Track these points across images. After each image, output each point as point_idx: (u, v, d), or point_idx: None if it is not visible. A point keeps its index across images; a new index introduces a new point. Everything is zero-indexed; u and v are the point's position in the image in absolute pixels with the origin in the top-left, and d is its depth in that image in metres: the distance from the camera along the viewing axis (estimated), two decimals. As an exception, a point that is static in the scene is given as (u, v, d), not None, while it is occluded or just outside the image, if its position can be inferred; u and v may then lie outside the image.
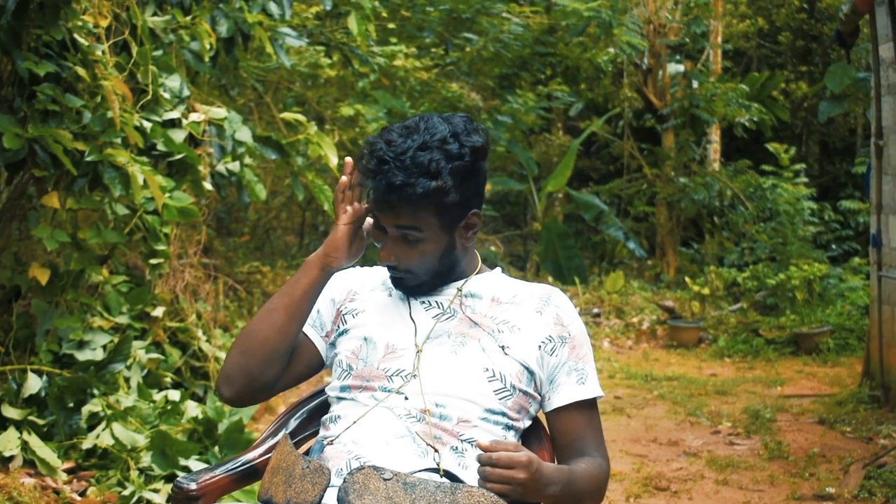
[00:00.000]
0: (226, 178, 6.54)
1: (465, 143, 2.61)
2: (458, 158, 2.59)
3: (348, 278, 2.91)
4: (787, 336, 11.00)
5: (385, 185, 2.56)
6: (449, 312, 2.74)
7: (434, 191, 2.56)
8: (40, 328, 5.50)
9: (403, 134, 2.61)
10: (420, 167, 2.55)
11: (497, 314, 2.72)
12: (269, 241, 13.51)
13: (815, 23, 18.17)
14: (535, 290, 2.79)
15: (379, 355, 2.69)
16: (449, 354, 2.66)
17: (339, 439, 2.60)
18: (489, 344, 2.66)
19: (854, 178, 16.21)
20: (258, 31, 6.67)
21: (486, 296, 2.77)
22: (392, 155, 2.56)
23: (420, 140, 2.58)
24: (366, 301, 2.83)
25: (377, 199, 2.62)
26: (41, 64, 5.02)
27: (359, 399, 2.66)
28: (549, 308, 2.74)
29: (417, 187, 2.54)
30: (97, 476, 5.08)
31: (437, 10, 13.67)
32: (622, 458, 6.61)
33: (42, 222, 5.35)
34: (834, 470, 6.25)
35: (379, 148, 2.59)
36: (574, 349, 2.72)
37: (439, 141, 2.59)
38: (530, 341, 2.67)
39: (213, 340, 6.92)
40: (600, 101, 16.56)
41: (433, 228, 2.64)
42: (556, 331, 2.71)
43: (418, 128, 2.61)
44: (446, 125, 2.63)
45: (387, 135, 2.62)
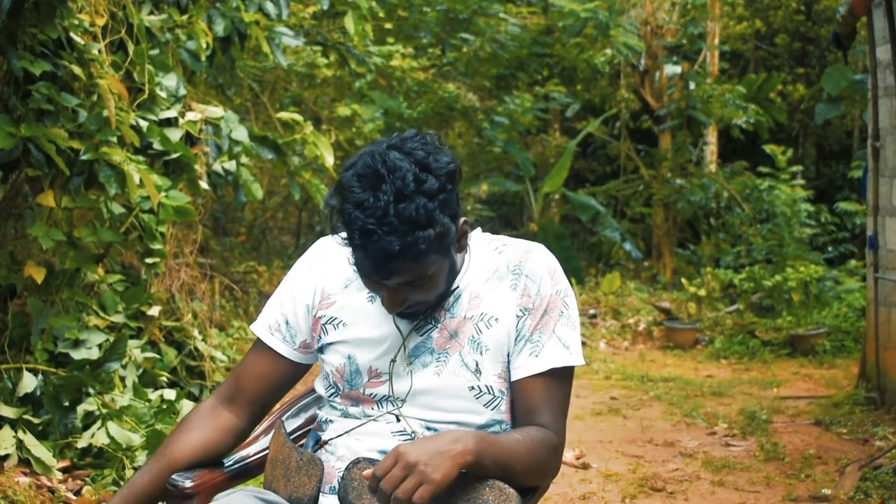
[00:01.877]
0: (222, 177, 6.53)
1: (439, 171, 2.35)
2: (440, 192, 2.34)
3: (313, 274, 2.69)
4: (783, 338, 11.01)
5: (382, 255, 2.31)
6: (430, 323, 2.57)
7: (436, 238, 2.33)
8: (36, 327, 5.49)
9: (368, 187, 2.31)
10: (411, 222, 2.28)
11: (475, 310, 2.57)
12: (266, 241, 13.51)
13: (812, 25, 18.18)
14: (513, 257, 2.61)
15: (363, 379, 2.58)
16: (433, 377, 2.53)
17: (333, 446, 2.59)
18: (470, 355, 2.53)
19: (850, 181, 16.22)
20: (255, 31, 6.67)
21: (466, 292, 2.59)
22: (374, 221, 2.28)
23: (392, 189, 2.29)
24: (343, 308, 2.63)
25: (375, 270, 2.36)
26: (36, 63, 5.01)
27: (350, 413, 2.61)
28: (520, 279, 2.57)
29: (419, 244, 2.30)
30: (92, 475, 5.07)
31: (434, 10, 13.70)
32: (618, 459, 6.60)
33: (37, 221, 5.33)
34: (830, 471, 6.24)
35: (355, 217, 2.30)
36: (536, 318, 2.55)
37: (413, 182, 2.31)
38: (505, 329, 2.55)
39: (208, 340, 6.92)
40: (597, 102, 16.59)
41: (436, 264, 2.41)
42: (523, 303, 2.56)
43: (380, 174, 2.31)
44: (407, 159, 2.33)
45: (350, 195, 2.32)
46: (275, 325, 2.69)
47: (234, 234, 12.86)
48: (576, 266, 14.83)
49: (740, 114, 14.51)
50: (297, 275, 2.71)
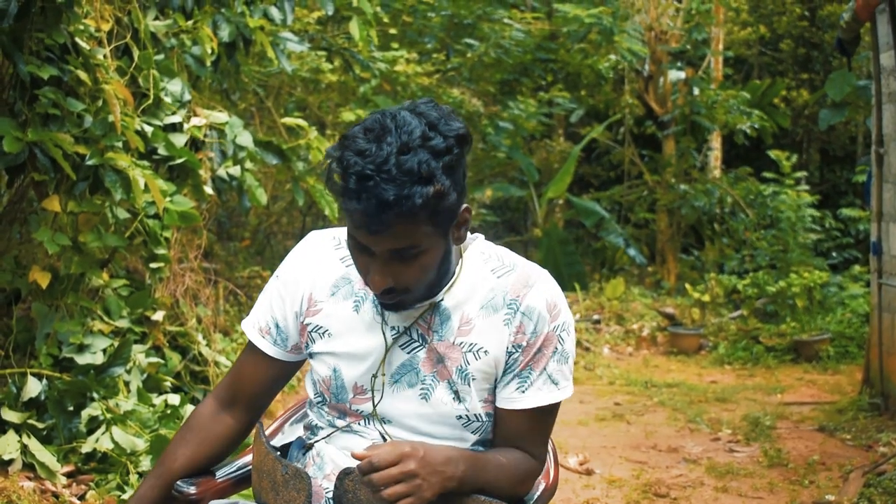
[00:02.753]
0: (227, 182, 6.54)
1: (448, 133, 2.26)
2: (446, 153, 2.24)
3: (303, 277, 2.60)
4: (787, 343, 11.00)
5: (375, 203, 2.18)
6: (417, 341, 2.49)
7: (434, 196, 2.21)
8: (40, 331, 5.50)
9: (372, 139, 2.23)
10: (410, 174, 2.18)
11: (465, 338, 2.47)
12: (270, 246, 13.50)
13: (816, 31, 18.19)
14: (511, 289, 2.48)
15: (349, 395, 2.53)
16: (419, 401, 2.48)
17: (321, 459, 2.58)
18: (458, 385, 2.47)
19: (854, 186, 16.23)
20: (260, 36, 6.68)
21: (457, 314, 2.48)
22: (373, 167, 2.18)
23: (397, 142, 2.21)
24: (329, 317, 2.55)
25: (367, 224, 2.22)
26: (43, 67, 5.02)
27: (337, 424, 2.58)
28: (516, 316, 2.46)
29: (415, 198, 2.18)
30: (96, 480, 5.08)
31: (438, 15, 13.71)
32: (621, 465, 6.61)
33: (43, 226, 5.34)
34: (833, 477, 6.25)
35: (353, 163, 2.20)
36: (528, 355, 2.47)
37: (420, 138, 2.22)
38: (494, 361, 2.47)
39: (213, 345, 6.93)
40: (601, 108, 16.60)
41: (430, 238, 2.30)
42: (517, 340, 2.46)
43: (387, 128, 2.24)
44: (418, 118, 2.26)
45: (353, 144, 2.24)
46: (265, 328, 2.64)
47: (239, 240, 12.87)
48: (580, 271, 14.83)
49: (744, 119, 14.50)
50: (287, 276, 2.63)
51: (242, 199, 6.75)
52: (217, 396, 2.73)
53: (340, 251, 2.60)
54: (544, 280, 2.51)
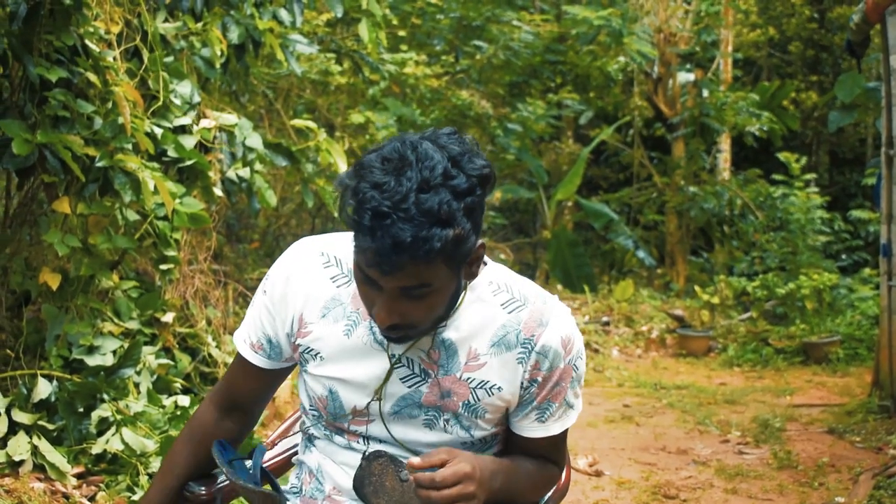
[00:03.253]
0: (236, 184, 6.54)
1: (471, 172, 2.13)
2: (468, 194, 2.11)
3: (290, 298, 2.47)
4: (796, 345, 10.99)
5: (390, 244, 2.06)
6: (419, 376, 2.39)
7: (452, 241, 2.09)
8: (50, 333, 5.51)
9: (391, 171, 2.09)
10: (429, 215, 2.05)
11: (474, 374, 2.38)
12: (279, 248, 13.48)
13: (825, 32, 18.17)
14: (524, 327, 2.38)
15: (348, 417, 2.45)
16: (423, 429, 2.42)
17: (320, 474, 2.55)
18: (465, 417, 2.41)
19: (864, 189, 16.20)
20: (269, 38, 6.69)
21: (463, 348, 2.38)
22: (390, 204, 2.05)
23: (418, 177, 2.07)
24: (320, 340, 2.44)
25: (378, 261, 2.10)
26: (53, 69, 5.03)
27: (335, 441, 2.51)
28: (531, 356, 2.36)
29: (433, 241, 2.06)
30: (106, 481, 5.08)
31: (447, 17, 13.73)
32: (631, 467, 6.60)
33: (53, 227, 5.35)
34: (843, 480, 6.24)
35: (370, 197, 2.07)
36: (545, 389, 2.41)
37: (441, 176, 2.09)
38: (508, 396, 2.40)
39: (222, 346, 6.93)
40: (610, 110, 16.60)
41: (443, 278, 2.19)
42: (532, 375, 2.38)
43: (407, 160, 2.10)
44: (440, 151, 2.13)
45: (369, 175, 2.10)
46: (257, 344, 2.54)
47: (248, 241, 12.89)
48: (588, 273, 14.83)
49: (753, 121, 14.50)
50: (275, 293, 2.50)
51: (252, 200, 6.76)
52: (214, 402, 2.66)
53: (330, 269, 2.47)
54: (557, 314, 2.41)
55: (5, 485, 4.74)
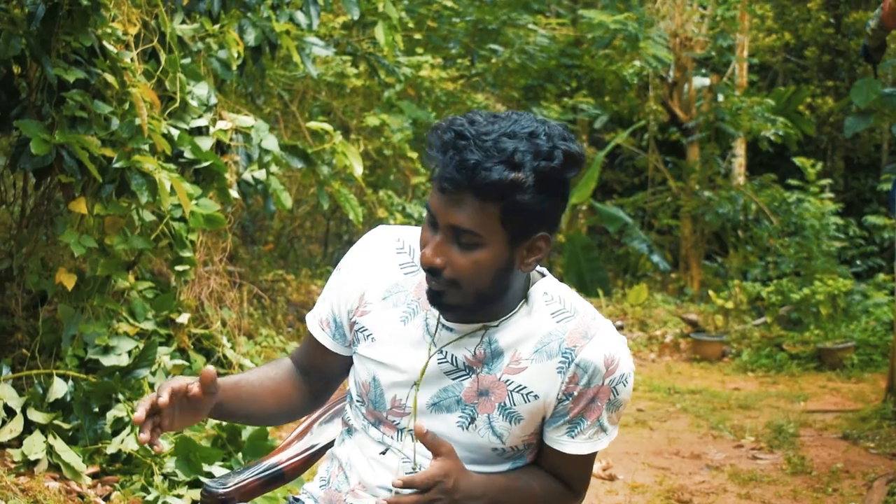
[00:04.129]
0: (252, 186, 6.56)
1: (559, 145, 2.22)
2: (546, 158, 2.19)
3: (361, 273, 2.54)
4: (810, 351, 10.97)
5: (456, 161, 2.17)
6: (462, 370, 2.42)
7: (510, 184, 2.16)
8: (66, 333, 5.53)
9: (490, 119, 2.23)
10: (501, 152, 2.16)
11: (514, 377, 2.39)
12: (294, 250, 13.54)
13: (841, 38, 18.15)
14: (568, 337, 2.39)
15: (386, 406, 2.48)
16: (456, 429, 2.42)
17: (348, 468, 2.56)
18: (499, 422, 2.41)
19: (879, 194, 16.17)
20: (285, 41, 6.70)
21: (509, 351, 2.40)
22: (473, 132, 2.18)
23: (508, 127, 2.19)
24: (376, 321, 2.50)
25: (441, 179, 2.20)
26: (70, 70, 5.05)
27: (371, 434, 2.53)
28: (570, 367, 2.37)
29: (493, 172, 2.14)
30: (121, 481, 5.10)
31: (463, 21, 13.75)
32: (644, 471, 6.60)
33: (69, 228, 5.37)
34: (857, 485, 6.23)
35: (459, 123, 2.21)
36: (579, 405, 2.40)
37: (528, 133, 2.19)
38: (543, 405, 2.41)
39: (237, 348, 6.95)
40: (625, 114, 16.59)
41: (495, 236, 2.24)
42: (569, 389, 2.38)
43: (507, 116, 2.25)
44: (541, 123, 2.24)
45: (471, 115, 2.26)
46: (325, 321, 2.61)
47: (263, 243, 12.91)
48: (603, 277, 14.82)
49: (769, 126, 14.47)
50: (348, 270, 2.58)
51: (267, 202, 6.78)
52: (295, 360, 2.72)
53: (402, 256, 2.54)
54: (604, 332, 2.41)
55: (21, 484, 4.76)
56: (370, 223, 10.99)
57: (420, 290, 2.46)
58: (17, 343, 5.77)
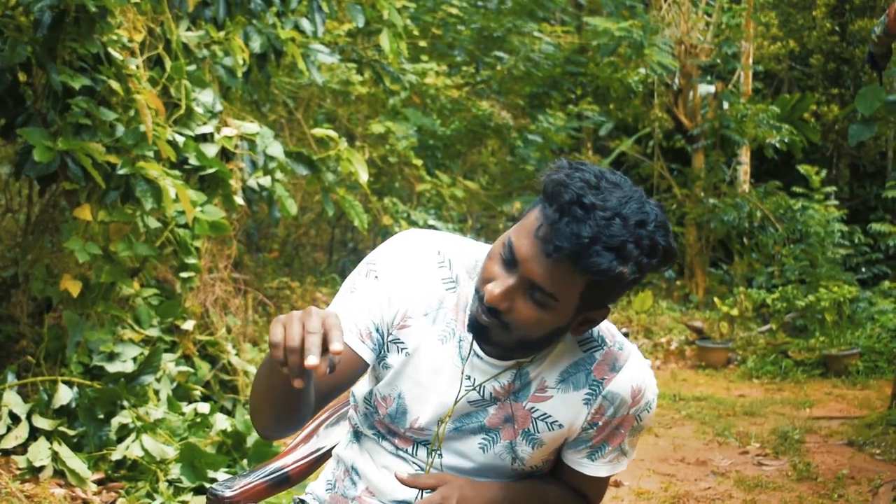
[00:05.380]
0: (257, 192, 6.57)
1: (660, 242, 2.13)
2: (649, 254, 2.12)
3: (402, 289, 2.40)
4: (816, 358, 10.95)
5: (570, 233, 2.05)
6: (488, 402, 2.37)
7: (611, 275, 2.09)
8: (71, 340, 5.54)
9: (606, 184, 2.12)
10: (612, 238, 2.06)
11: (539, 405, 2.37)
12: (298, 258, 13.54)
13: (846, 45, 18.13)
14: (596, 368, 2.37)
15: (406, 424, 2.42)
16: (477, 450, 2.40)
17: (359, 476, 2.52)
18: (521, 446, 2.39)
19: (884, 202, 16.15)
20: (291, 48, 6.71)
21: (536, 379, 2.37)
22: (591, 202, 2.07)
23: (622, 205, 2.09)
24: (413, 336, 2.40)
25: (547, 241, 2.10)
26: (76, 77, 5.07)
27: (383, 445, 2.48)
28: (597, 399, 2.36)
29: (602, 259, 2.06)
30: (126, 487, 5.11)
31: (468, 28, 13.75)
32: (650, 478, 6.59)
33: (74, 235, 5.38)
34: (863, 492, 6.22)
35: (580, 185, 2.09)
36: (603, 433, 2.40)
37: (638, 222, 2.09)
38: (566, 433, 2.40)
39: (242, 354, 6.95)
40: (630, 121, 16.57)
41: (568, 303, 2.18)
42: (594, 419, 2.37)
43: (620, 186, 2.13)
44: (650, 210, 2.13)
45: (594, 177, 2.12)
46: (366, 332, 2.38)
47: (267, 251, 12.92)
48: (608, 285, 14.80)
49: (774, 133, 14.46)
50: (389, 281, 2.42)
51: (272, 209, 6.78)
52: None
53: (443, 270, 2.44)
54: (632, 362, 2.39)
55: (26, 490, 4.77)
56: (375, 230, 11.00)
57: (458, 310, 2.40)
58: (23, 350, 5.79)
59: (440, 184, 12.02)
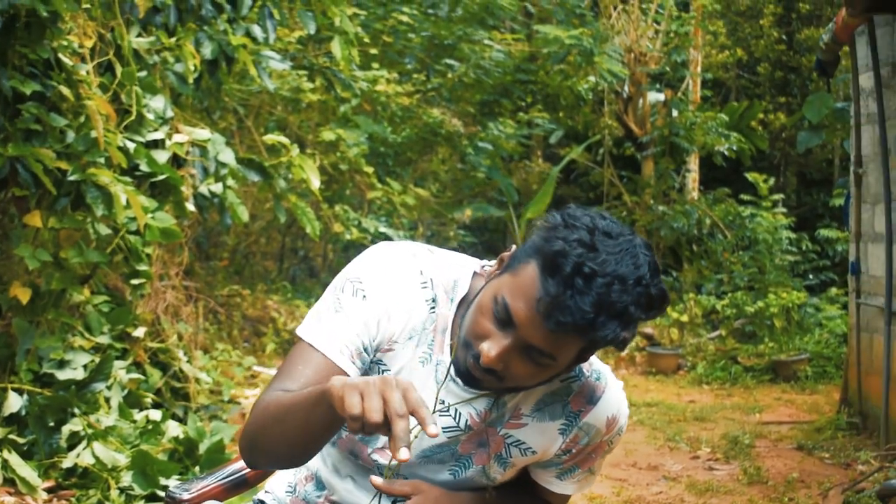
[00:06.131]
0: (208, 199, 6.54)
1: (655, 293, 2.09)
2: (646, 308, 2.07)
3: (394, 315, 2.30)
4: (765, 363, 11.04)
5: (571, 307, 2.01)
6: (461, 430, 2.31)
7: (612, 340, 2.05)
8: (21, 347, 5.49)
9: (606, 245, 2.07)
10: (612, 306, 2.02)
11: (514, 432, 2.35)
12: (249, 266, 13.50)
13: (793, 54, 18.30)
14: (574, 400, 2.35)
15: (376, 445, 2.35)
16: (447, 476, 2.37)
17: (329, 487, 2.47)
18: (494, 467, 2.37)
19: (831, 210, 16.30)
20: (242, 54, 6.69)
21: (512, 406, 2.33)
22: (590, 269, 2.02)
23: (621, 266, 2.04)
24: (396, 359, 2.32)
25: (549, 317, 2.03)
26: (26, 83, 5.03)
27: (339, 468, 2.44)
28: (572, 430, 2.34)
29: (606, 330, 2.03)
30: (77, 495, 5.07)
31: (418, 36, 13.76)
32: (602, 483, 6.61)
33: (24, 241, 5.34)
34: (813, 495, 6.27)
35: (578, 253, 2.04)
36: (575, 458, 2.39)
37: (636, 280, 2.05)
38: (542, 457, 2.39)
39: (193, 362, 6.92)
40: (580, 129, 16.63)
41: (566, 359, 2.14)
42: (568, 446, 2.36)
43: (623, 248, 2.07)
44: (643, 262, 2.08)
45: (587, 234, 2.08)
46: (356, 353, 2.28)
47: (217, 259, 12.87)
48: (558, 292, 14.83)
49: (723, 141, 14.57)
50: (378, 302, 2.31)
51: (224, 216, 6.75)
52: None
53: (426, 291, 2.35)
54: (609, 394, 2.37)
55: (-24, 498, 4.72)
56: (326, 238, 10.99)
57: (436, 332, 2.32)
58: (-29, 357, 5.73)
59: (391, 191, 12.03)
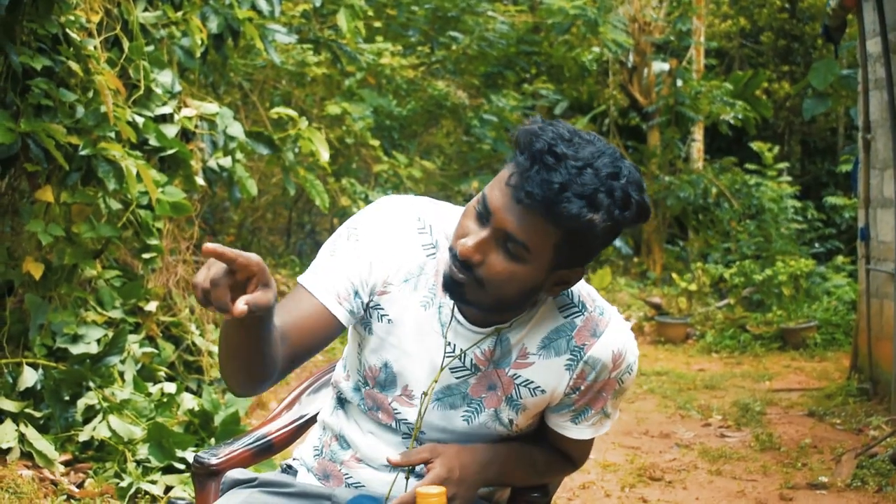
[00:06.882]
0: (217, 173, 6.54)
1: (634, 195, 2.13)
2: (621, 206, 2.11)
3: (383, 253, 2.36)
4: (774, 331, 11.04)
5: (540, 179, 2.06)
6: (468, 369, 2.36)
7: (583, 222, 2.08)
8: (34, 322, 5.49)
9: (578, 140, 2.12)
10: (584, 186, 2.06)
11: (521, 371, 2.36)
12: (256, 241, 13.51)
13: (796, 23, 18.26)
14: (577, 334, 2.36)
15: (395, 391, 2.39)
16: (461, 423, 2.40)
17: (344, 440, 2.50)
18: (506, 413, 2.39)
19: (836, 178, 16.30)
20: (248, 28, 6.69)
21: (517, 345, 2.35)
22: (562, 151, 2.07)
23: (594, 158, 2.10)
24: (394, 304, 2.37)
25: (518, 188, 2.09)
26: (35, 58, 5.03)
27: (368, 415, 2.46)
28: (578, 364, 2.35)
29: (572, 205, 2.06)
30: (94, 468, 5.09)
31: (422, 8, 13.74)
32: (615, 450, 6.63)
33: (35, 217, 5.34)
34: (826, 460, 6.28)
35: (552, 136, 2.10)
36: (585, 397, 2.40)
37: (610, 174, 2.10)
38: (549, 398, 2.40)
39: (206, 335, 6.93)
40: (585, 100, 16.63)
41: (541, 257, 2.16)
42: (576, 384, 2.36)
43: (593, 143, 2.14)
44: (623, 166, 2.14)
45: (559, 128, 2.13)
46: (344, 294, 2.34)
47: (224, 235, 12.86)
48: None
49: (728, 110, 14.55)
50: (369, 244, 2.38)
51: (233, 190, 6.76)
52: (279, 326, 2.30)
53: (424, 236, 2.41)
54: (613, 327, 2.38)
55: (-6, 472, 4.74)
56: (333, 212, 10.99)
57: (438, 276, 2.36)
58: (-16, 333, 5.74)
59: (397, 164, 12.01)
